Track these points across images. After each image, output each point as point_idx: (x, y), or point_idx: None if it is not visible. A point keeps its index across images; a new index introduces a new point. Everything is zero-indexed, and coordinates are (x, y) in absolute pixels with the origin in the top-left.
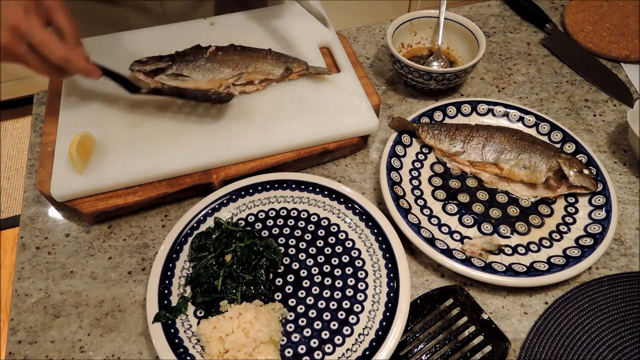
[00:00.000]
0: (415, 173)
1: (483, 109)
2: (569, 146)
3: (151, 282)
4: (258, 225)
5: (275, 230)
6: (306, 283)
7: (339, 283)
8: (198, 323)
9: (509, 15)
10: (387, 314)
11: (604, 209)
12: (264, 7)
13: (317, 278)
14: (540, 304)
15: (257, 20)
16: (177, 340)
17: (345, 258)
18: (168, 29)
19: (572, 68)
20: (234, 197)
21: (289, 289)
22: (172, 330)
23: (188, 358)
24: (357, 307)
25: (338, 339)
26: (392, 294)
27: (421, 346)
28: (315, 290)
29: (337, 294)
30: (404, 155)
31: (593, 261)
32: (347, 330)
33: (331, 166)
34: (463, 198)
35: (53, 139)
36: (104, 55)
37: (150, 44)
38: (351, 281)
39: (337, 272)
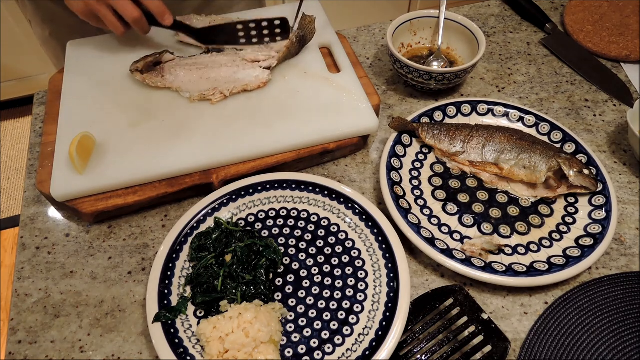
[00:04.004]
0: (415, 173)
1: (483, 109)
2: (569, 146)
3: (151, 282)
4: (258, 225)
5: (275, 230)
6: (306, 283)
7: (339, 283)
8: (198, 323)
9: (509, 15)
10: (387, 314)
11: (604, 209)
12: (262, 7)
13: (317, 278)
14: (540, 304)
15: None
16: (177, 340)
17: (345, 258)
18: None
19: (572, 68)
20: (234, 197)
21: (289, 289)
22: (172, 330)
23: (188, 358)
24: (357, 307)
25: (338, 339)
26: (392, 294)
27: (421, 346)
28: (315, 290)
29: (337, 294)
30: (404, 155)
31: (593, 261)
32: (347, 330)
33: (331, 166)
34: (463, 198)
35: (53, 139)
36: (107, 53)
37: (149, 43)
38: (351, 281)
39: (337, 272)
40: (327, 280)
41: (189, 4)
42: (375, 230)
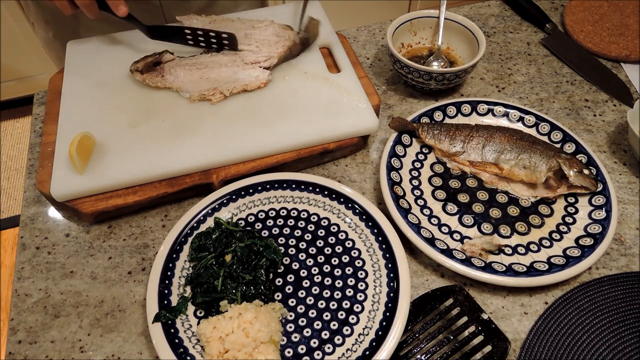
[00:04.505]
0: (415, 173)
1: (483, 109)
2: (569, 146)
3: (151, 282)
4: (258, 225)
5: (275, 230)
6: (306, 283)
7: (339, 283)
8: (198, 323)
9: (509, 15)
10: (387, 314)
11: (604, 209)
12: (264, 7)
13: (317, 278)
14: (540, 304)
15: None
16: (177, 340)
17: (345, 258)
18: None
19: (572, 68)
20: (234, 197)
21: (289, 289)
22: (172, 330)
23: (188, 358)
24: (357, 307)
25: (338, 339)
26: (392, 294)
27: (421, 346)
28: (315, 290)
29: (337, 294)
30: (404, 155)
31: (593, 261)
32: (347, 330)
33: (331, 166)
34: (463, 198)
35: (53, 139)
36: (106, 53)
37: (150, 43)
38: (351, 281)
39: (337, 272)
40: (327, 280)
41: (194, 4)
42: (375, 230)
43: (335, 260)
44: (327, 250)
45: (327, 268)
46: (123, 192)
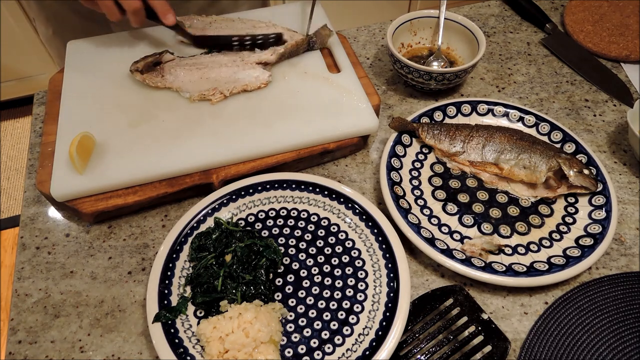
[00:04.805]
0: (415, 173)
1: (483, 109)
2: (569, 146)
3: (151, 282)
4: (258, 225)
5: (275, 230)
6: (306, 283)
7: (339, 283)
8: (198, 323)
9: (509, 15)
10: (387, 314)
11: (604, 209)
12: (265, 7)
13: (317, 278)
14: (540, 304)
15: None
16: (177, 340)
17: (345, 258)
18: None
19: (572, 68)
20: (234, 197)
21: (289, 289)
22: (172, 330)
23: (188, 358)
24: (357, 307)
25: (338, 339)
26: (392, 294)
27: (421, 346)
28: (315, 290)
29: (337, 294)
30: (404, 155)
31: (593, 261)
32: (347, 330)
33: (331, 166)
34: (463, 198)
35: (53, 139)
36: (107, 53)
37: (150, 43)
38: (351, 281)
39: (337, 272)
40: (327, 280)
41: (195, 4)
42: (375, 230)
43: (335, 260)
44: (327, 250)
45: (327, 268)
46: (123, 192)
